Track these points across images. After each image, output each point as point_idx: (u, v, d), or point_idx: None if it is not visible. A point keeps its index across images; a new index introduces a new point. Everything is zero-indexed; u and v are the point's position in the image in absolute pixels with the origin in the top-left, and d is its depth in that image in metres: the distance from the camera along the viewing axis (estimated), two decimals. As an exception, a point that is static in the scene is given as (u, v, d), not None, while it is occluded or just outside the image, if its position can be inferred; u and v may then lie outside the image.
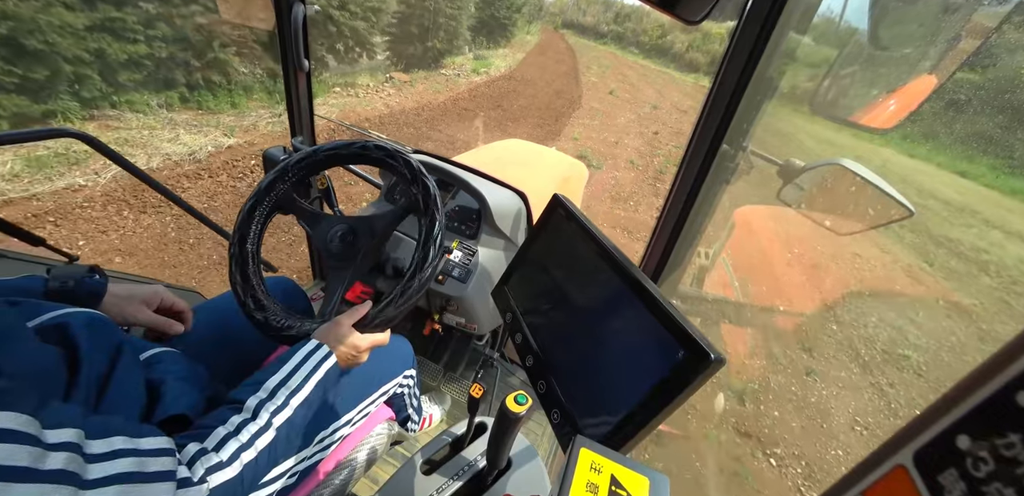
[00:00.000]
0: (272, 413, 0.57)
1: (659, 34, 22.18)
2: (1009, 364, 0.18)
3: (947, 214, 5.69)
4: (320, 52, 7.02)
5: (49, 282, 0.67)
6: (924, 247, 4.77)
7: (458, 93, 8.54)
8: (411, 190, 0.82)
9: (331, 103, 6.49)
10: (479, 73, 10.57)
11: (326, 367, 0.65)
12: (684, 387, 0.50)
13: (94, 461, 0.38)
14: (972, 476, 0.18)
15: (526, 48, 16.00)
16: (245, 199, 0.87)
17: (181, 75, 5.09)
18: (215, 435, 0.51)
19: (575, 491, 0.39)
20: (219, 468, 0.48)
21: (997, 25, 0.76)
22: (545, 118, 8.12)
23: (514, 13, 14.53)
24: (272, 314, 0.79)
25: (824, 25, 1.18)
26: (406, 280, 0.75)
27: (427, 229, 0.78)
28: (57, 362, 0.49)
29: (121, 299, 0.73)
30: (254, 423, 0.54)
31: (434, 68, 9.85)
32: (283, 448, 0.57)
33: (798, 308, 3.45)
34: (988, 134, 6.78)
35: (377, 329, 0.75)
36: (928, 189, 6.46)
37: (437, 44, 9.84)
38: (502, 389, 1.57)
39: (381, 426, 0.96)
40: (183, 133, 4.59)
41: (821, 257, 4.27)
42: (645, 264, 1.04)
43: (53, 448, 0.35)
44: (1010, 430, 0.17)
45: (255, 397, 0.58)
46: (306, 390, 0.61)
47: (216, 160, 4.24)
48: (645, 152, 7.34)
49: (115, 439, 0.41)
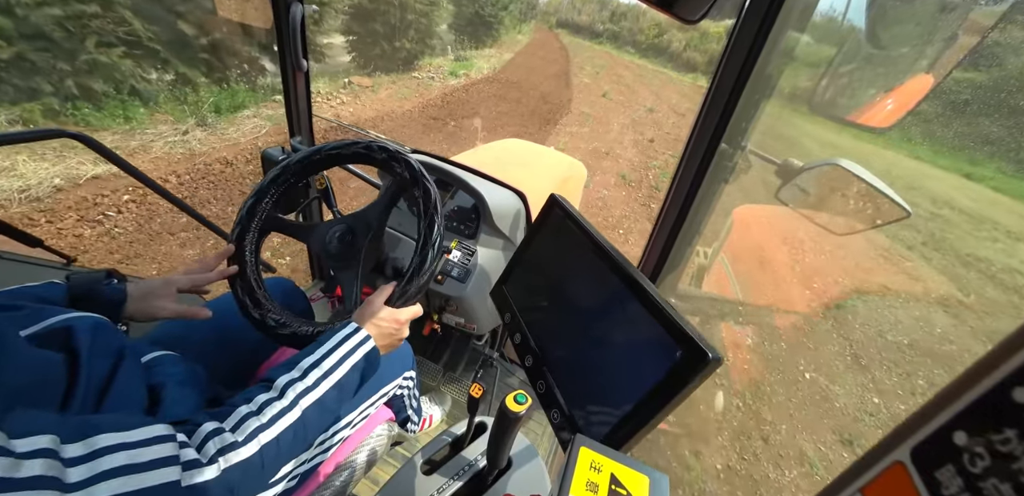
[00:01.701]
0: (300, 393, 0.55)
1: (656, 33, 22.05)
2: (1005, 360, 0.18)
3: (968, 227, 5.31)
4: (252, 53, 5.97)
5: (71, 290, 0.67)
6: (953, 270, 4.28)
7: (428, 99, 7.68)
8: (408, 184, 0.81)
9: (264, 115, 5.45)
10: (457, 76, 9.60)
11: (363, 351, 0.64)
12: (683, 386, 0.50)
13: (74, 464, 0.37)
14: (969, 472, 0.18)
15: (515, 48, 15.18)
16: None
17: (46, 82, 3.97)
18: (236, 414, 0.50)
19: (575, 490, 0.39)
20: (233, 448, 0.47)
21: (994, 24, 0.77)
22: (528, 126, 7.43)
23: (500, 10, 13.80)
24: (272, 315, 0.79)
25: (827, 24, 1.19)
26: (419, 251, 0.76)
27: (426, 228, 0.77)
28: (56, 368, 0.49)
29: (140, 300, 0.73)
30: (279, 402, 0.53)
31: (404, 71, 8.86)
32: (307, 430, 0.56)
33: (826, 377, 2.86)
34: (993, 135, 6.63)
35: (408, 303, 0.75)
36: (941, 197, 6.12)
37: (407, 44, 8.83)
38: (502, 389, 1.57)
39: (381, 427, 0.96)
40: (24, 160, 3.36)
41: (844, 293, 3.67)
42: (644, 264, 1.04)
43: (26, 457, 0.34)
44: (1006, 426, 0.17)
45: (286, 376, 0.57)
46: (340, 372, 0.60)
47: (68, 197, 3.14)
48: (638, 164, 6.60)
49: (97, 438, 0.40)
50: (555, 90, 10.26)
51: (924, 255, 4.55)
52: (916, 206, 5.82)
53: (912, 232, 4.96)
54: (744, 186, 1.05)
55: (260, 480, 0.51)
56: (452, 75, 9.57)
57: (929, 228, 5.13)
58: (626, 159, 6.69)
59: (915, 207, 6.10)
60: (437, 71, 9.50)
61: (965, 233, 5.12)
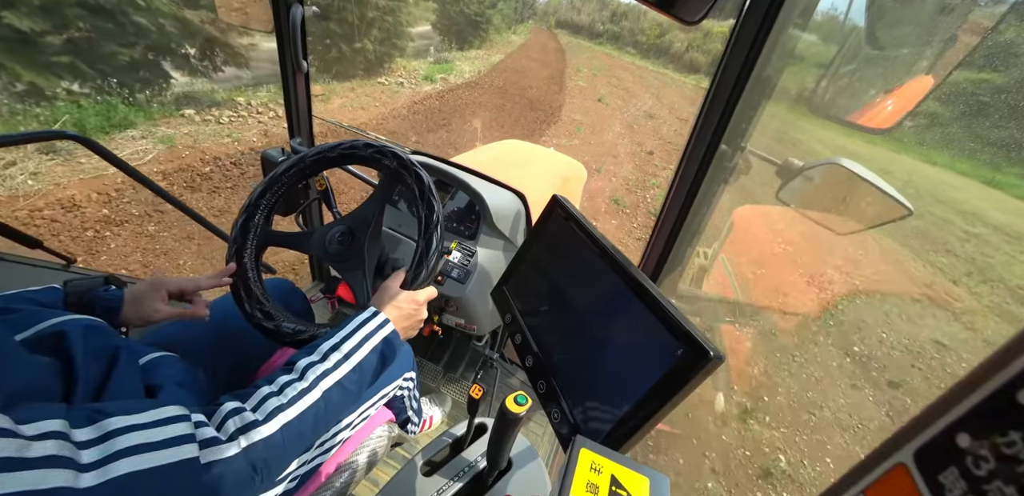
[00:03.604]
0: (320, 375, 0.56)
1: (658, 33, 21.87)
2: (1009, 363, 0.18)
3: (1009, 248, 4.93)
4: (150, 56, 4.83)
5: (68, 296, 0.67)
6: (1007, 309, 3.65)
7: (391, 109, 6.57)
8: (400, 173, 0.81)
9: (158, 135, 4.22)
10: (433, 81, 8.64)
11: (383, 334, 0.65)
12: (683, 384, 0.50)
13: (86, 447, 0.37)
14: (973, 474, 0.18)
15: (507, 49, 14.29)
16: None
17: None
18: (258, 394, 0.51)
19: (575, 491, 0.39)
20: (254, 426, 0.47)
21: (994, 25, 0.77)
22: (507, 138, 6.24)
23: (488, 9, 12.95)
24: (276, 319, 0.79)
25: (832, 25, 1.18)
26: (423, 233, 0.76)
27: (426, 210, 0.77)
28: (49, 375, 0.49)
29: (134, 304, 0.73)
30: (299, 383, 0.54)
31: (368, 76, 7.85)
32: (329, 412, 0.56)
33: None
34: (1010, 139, 6.36)
35: (423, 285, 0.76)
36: (970, 210, 5.69)
37: (369, 45, 7.67)
38: (502, 390, 1.57)
39: (381, 428, 0.96)
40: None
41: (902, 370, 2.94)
42: (644, 264, 1.04)
43: (35, 438, 0.34)
44: (1010, 428, 0.17)
45: (307, 359, 0.58)
46: (359, 355, 0.61)
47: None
48: (635, 182, 5.66)
49: (108, 421, 0.40)
50: (546, 95, 9.35)
51: (972, 290, 3.95)
52: (949, 224, 5.38)
53: (951, 258, 4.59)
54: (744, 186, 1.04)
55: (283, 459, 0.51)
56: (427, 80, 8.63)
57: (968, 252, 4.78)
58: (621, 177, 5.77)
59: (948, 225, 5.29)
60: (410, 75, 8.62)
61: (1009, 257, 4.71)
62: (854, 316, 3.44)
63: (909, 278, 4.15)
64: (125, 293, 0.73)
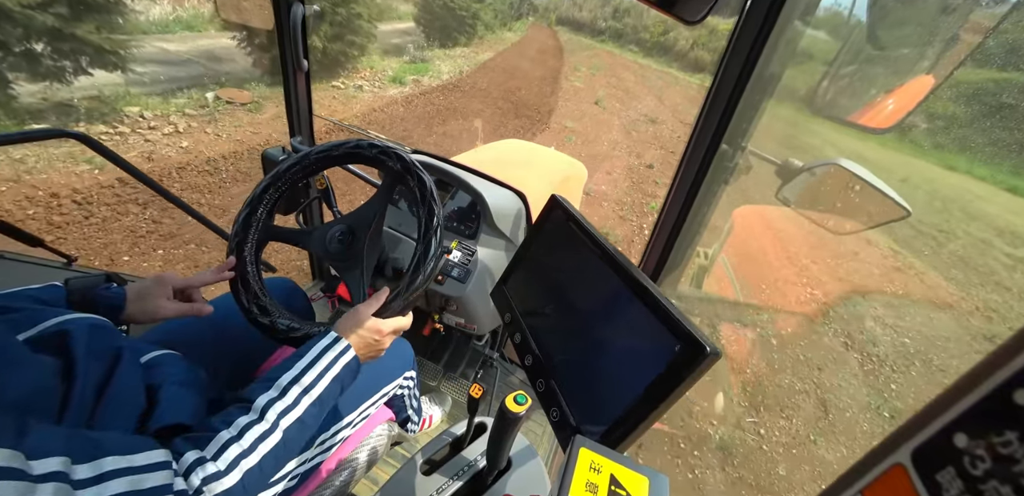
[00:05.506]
0: (280, 413, 0.55)
1: (661, 31, 21.25)
2: (1006, 362, 0.18)
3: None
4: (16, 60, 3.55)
5: (69, 295, 0.67)
6: None
7: (340, 119, 4.78)
8: (402, 176, 0.81)
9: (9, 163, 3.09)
10: (403, 83, 7.52)
11: (343, 362, 0.63)
12: (681, 381, 0.50)
13: (83, 487, 0.38)
14: (969, 474, 0.18)
15: (499, 47, 13.08)
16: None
17: None
18: (216, 440, 0.50)
19: (575, 491, 0.39)
20: (217, 478, 0.48)
21: (995, 24, 0.77)
22: None
23: (474, 3, 11.75)
24: (272, 315, 0.79)
25: (836, 21, 1.18)
26: (423, 235, 0.74)
27: (426, 220, 0.77)
28: (51, 376, 0.49)
29: (138, 301, 0.72)
30: (259, 425, 0.53)
31: (320, 78, 6.80)
32: (288, 450, 0.56)
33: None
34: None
35: (395, 314, 0.73)
36: (1006, 227, 5.03)
37: (318, 42, 6.46)
38: (502, 389, 1.58)
39: (381, 427, 0.96)
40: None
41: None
42: (644, 264, 1.04)
43: (40, 480, 0.36)
44: (1007, 428, 0.17)
45: (265, 396, 0.56)
46: (320, 387, 0.59)
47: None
48: (631, 205, 4.68)
49: (105, 460, 0.41)
50: (535, 98, 8.33)
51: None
52: (989, 246, 4.73)
53: (1003, 295, 4.01)
54: (743, 186, 1.04)
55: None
56: (396, 82, 7.49)
57: (1019, 283, 4.27)
58: (613, 200, 4.73)
59: (989, 248, 4.86)
60: (375, 77, 7.47)
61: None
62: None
63: (964, 329, 3.38)
64: (128, 290, 0.72)
